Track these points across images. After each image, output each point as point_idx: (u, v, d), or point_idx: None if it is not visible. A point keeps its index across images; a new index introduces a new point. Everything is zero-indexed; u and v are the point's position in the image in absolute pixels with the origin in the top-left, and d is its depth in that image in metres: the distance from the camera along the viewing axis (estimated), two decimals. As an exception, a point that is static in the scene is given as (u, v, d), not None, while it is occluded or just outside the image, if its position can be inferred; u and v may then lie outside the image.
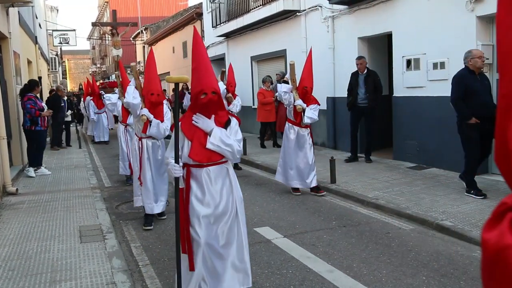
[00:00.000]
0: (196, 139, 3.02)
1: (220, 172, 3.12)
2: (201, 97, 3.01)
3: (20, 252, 4.40)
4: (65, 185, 7.69)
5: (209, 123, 3.06)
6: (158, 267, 4.06)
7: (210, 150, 3.00)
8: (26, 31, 12.12)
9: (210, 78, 3.05)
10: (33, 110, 8.17)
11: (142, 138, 5.30)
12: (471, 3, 6.60)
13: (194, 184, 3.08)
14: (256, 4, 12.46)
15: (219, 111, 3.13)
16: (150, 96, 5.09)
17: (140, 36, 30.35)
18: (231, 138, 3.06)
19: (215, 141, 2.99)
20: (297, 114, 6.30)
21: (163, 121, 5.22)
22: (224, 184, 3.12)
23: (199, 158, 3.02)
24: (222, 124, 3.10)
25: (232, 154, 3.06)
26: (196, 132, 3.05)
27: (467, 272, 3.73)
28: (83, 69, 61.85)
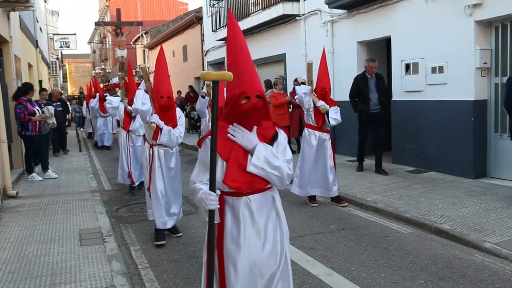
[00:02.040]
0: (233, 159, 2.27)
1: (264, 202, 2.35)
2: (241, 102, 2.25)
3: (20, 255, 4.42)
4: (65, 188, 7.71)
5: (251, 138, 2.30)
6: (157, 270, 4.08)
7: (252, 174, 2.26)
8: (27, 35, 12.18)
9: (254, 77, 2.30)
10: (22, 115, 8.00)
11: (154, 146, 4.81)
12: (470, 8, 6.65)
13: (229, 219, 2.31)
14: (256, 8, 12.52)
15: (263, 121, 2.37)
16: (159, 99, 4.61)
17: (141, 40, 30.44)
18: (279, 159, 2.30)
19: (259, 163, 2.25)
20: (318, 117, 5.86)
21: (175, 127, 4.74)
22: (269, 218, 2.37)
23: (237, 185, 2.25)
24: (267, 139, 2.35)
25: (280, 179, 2.30)
26: (233, 149, 2.29)
27: (465, 275, 3.74)
28: (84, 73, 61.97)
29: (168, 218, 4.82)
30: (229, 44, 2.37)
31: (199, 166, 2.39)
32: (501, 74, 6.71)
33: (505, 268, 3.86)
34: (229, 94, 2.31)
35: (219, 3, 14.79)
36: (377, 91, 7.52)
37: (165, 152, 4.82)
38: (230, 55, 2.34)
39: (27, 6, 8.74)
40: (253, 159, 2.25)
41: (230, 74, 2.16)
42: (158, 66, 4.70)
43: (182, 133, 4.78)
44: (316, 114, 5.87)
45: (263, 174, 2.26)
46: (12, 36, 9.18)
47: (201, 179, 2.35)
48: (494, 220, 4.90)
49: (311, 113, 5.92)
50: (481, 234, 4.52)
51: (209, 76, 2.17)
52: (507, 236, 4.42)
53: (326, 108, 5.76)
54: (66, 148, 12.72)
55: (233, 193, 2.29)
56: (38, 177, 8.38)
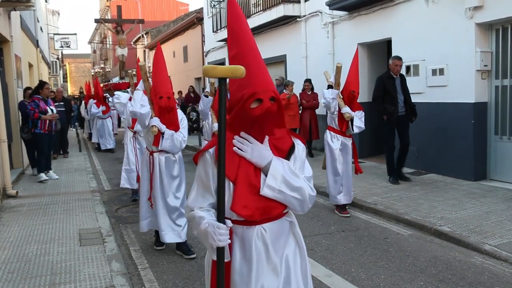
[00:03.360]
0: (243, 180, 1.79)
1: (281, 231, 1.89)
2: (251, 107, 1.77)
3: (19, 254, 4.41)
4: (65, 188, 7.70)
5: (263, 152, 1.81)
6: (157, 271, 4.08)
7: (267, 198, 1.79)
8: (27, 34, 12.19)
9: (265, 74, 1.83)
10: (32, 112, 8.03)
11: (154, 152, 4.39)
12: (470, 10, 6.65)
13: (238, 254, 1.85)
14: (257, 9, 12.53)
15: (276, 130, 1.88)
16: (158, 100, 4.18)
17: (141, 40, 30.45)
18: (300, 177, 1.84)
19: (275, 184, 1.78)
20: (342, 122, 5.59)
21: (178, 130, 4.33)
22: (287, 249, 1.92)
23: (248, 212, 1.78)
24: (283, 153, 1.87)
25: (302, 203, 1.84)
26: (242, 166, 1.80)
27: (465, 277, 3.74)
28: (84, 73, 61.98)
29: (171, 231, 4.39)
30: (231, 33, 1.90)
31: (197, 188, 1.87)
32: (502, 77, 6.72)
33: (505, 270, 3.86)
34: (234, 96, 1.82)
35: (220, 4, 14.80)
36: (402, 92, 7.01)
37: (166, 159, 4.39)
38: (234, 47, 1.87)
39: (28, 5, 8.74)
40: (268, 179, 1.78)
41: (241, 68, 1.65)
42: (156, 65, 4.34)
43: (185, 137, 4.38)
44: (340, 118, 5.60)
45: (280, 198, 1.79)
46: (13, 36, 9.19)
47: (201, 204, 1.85)
48: (493, 223, 4.90)
49: (335, 116, 5.65)
50: (481, 236, 4.52)
51: (214, 72, 1.67)
52: (506, 239, 4.43)
53: (351, 116, 5.50)
54: (67, 151, 12.09)
55: (243, 222, 1.82)
56: (44, 176, 8.28)
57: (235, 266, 1.85)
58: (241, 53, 1.83)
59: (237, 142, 1.82)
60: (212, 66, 1.67)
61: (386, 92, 6.92)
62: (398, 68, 6.94)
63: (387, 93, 6.91)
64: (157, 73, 4.29)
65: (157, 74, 4.29)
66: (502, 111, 6.75)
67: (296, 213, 1.92)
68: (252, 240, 1.83)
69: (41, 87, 8.37)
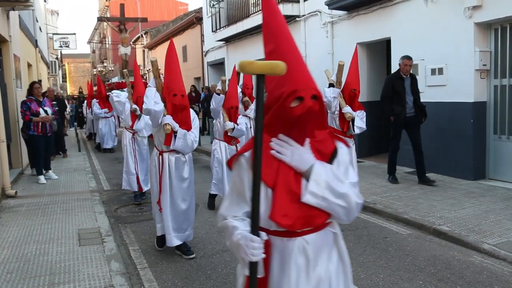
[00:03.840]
0: (282, 186, 1.64)
1: (324, 243, 1.73)
2: (291, 106, 1.62)
3: (18, 254, 4.41)
4: (64, 188, 7.70)
5: (304, 156, 1.67)
6: (156, 270, 4.08)
7: (309, 205, 1.63)
8: (26, 34, 12.17)
9: (305, 70, 1.69)
10: (23, 114, 7.87)
11: (164, 152, 4.27)
12: (469, 10, 6.66)
13: (276, 269, 1.69)
14: (256, 9, 12.52)
15: (317, 131, 1.73)
16: (172, 97, 4.08)
17: (140, 40, 30.44)
18: (344, 183, 1.68)
19: (318, 190, 1.62)
20: (343, 122, 5.53)
21: (189, 130, 4.22)
22: (330, 264, 1.75)
23: (289, 222, 1.62)
24: (326, 156, 1.71)
25: (347, 211, 1.67)
26: (281, 171, 1.65)
27: (464, 276, 3.75)
28: (83, 73, 61.93)
29: (178, 234, 4.31)
30: (266, 28, 1.76)
31: (231, 196, 1.74)
32: (500, 76, 6.73)
33: (504, 269, 3.86)
34: (272, 94, 1.67)
35: (219, 4, 14.80)
36: (412, 93, 6.82)
37: (176, 160, 4.28)
38: (270, 43, 1.72)
39: (27, 5, 8.74)
40: (310, 185, 1.62)
41: (281, 64, 1.51)
42: (169, 61, 4.17)
43: (197, 137, 4.27)
44: (341, 118, 5.53)
45: (324, 206, 1.63)
46: (12, 36, 9.19)
47: (235, 212, 1.70)
48: (492, 222, 4.91)
49: (336, 116, 5.58)
50: (480, 235, 4.52)
51: (251, 68, 1.51)
52: (505, 238, 4.43)
53: (353, 116, 5.44)
54: (65, 149, 11.88)
55: (283, 233, 1.66)
56: (43, 180, 8.16)
57: (272, 282, 1.68)
58: (278, 49, 1.68)
59: (276, 145, 1.66)
60: (249, 61, 1.49)
61: (395, 93, 6.76)
62: (407, 68, 6.77)
63: (395, 93, 6.76)
64: (171, 69, 4.14)
65: (171, 71, 4.14)
66: (501, 110, 6.76)
67: (341, 222, 1.75)
68: (292, 253, 1.65)
69: (31, 88, 8.16)
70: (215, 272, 4.03)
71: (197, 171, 7.66)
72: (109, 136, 12.66)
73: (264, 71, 1.51)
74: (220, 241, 4.83)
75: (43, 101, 8.24)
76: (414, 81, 6.87)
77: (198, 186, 7.31)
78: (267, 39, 1.75)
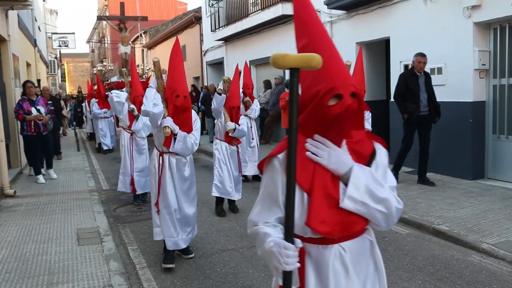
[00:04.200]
0: (319, 190, 1.53)
1: (362, 251, 1.64)
2: (328, 104, 1.51)
3: (17, 254, 4.41)
4: (63, 187, 7.69)
5: (342, 158, 1.57)
6: (155, 270, 4.08)
7: (347, 211, 1.54)
8: (25, 34, 12.16)
9: (342, 66, 1.57)
10: (16, 114, 7.74)
11: (164, 153, 4.15)
12: (468, 10, 6.66)
13: (312, 279, 1.59)
14: (255, 8, 12.52)
15: (355, 131, 1.63)
16: (174, 98, 3.94)
17: (139, 40, 30.42)
18: (384, 187, 1.59)
19: (358, 194, 1.53)
20: None
21: (190, 132, 4.10)
22: (367, 274, 1.66)
23: (327, 229, 1.52)
24: (364, 159, 1.61)
25: (387, 217, 1.58)
26: (317, 175, 1.55)
27: (463, 276, 3.75)
28: (82, 72, 61.86)
29: (180, 237, 4.16)
30: (299, 22, 1.67)
31: (263, 200, 1.63)
32: (499, 76, 6.73)
33: (502, 269, 3.87)
34: (308, 92, 1.56)
35: (218, 3, 14.79)
36: (426, 90, 6.59)
37: (177, 161, 4.16)
38: (303, 37, 1.62)
39: (26, 4, 8.73)
40: (349, 189, 1.52)
41: (317, 57, 1.37)
42: (173, 60, 4.02)
43: (197, 139, 4.15)
44: None
45: (363, 211, 1.54)
46: (10, 35, 9.18)
47: (266, 218, 1.60)
48: (491, 221, 4.91)
49: None
50: (479, 235, 4.53)
51: (284, 61, 1.37)
52: (504, 237, 4.43)
53: None
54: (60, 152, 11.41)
55: (318, 240, 1.56)
56: (41, 179, 8.10)
57: None
58: (312, 43, 1.56)
59: (311, 146, 1.56)
60: (282, 54, 1.36)
61: (408, 90, 6.57)
62: (421, 65, 6.53)
63: (409, 91, 6.56)
64: (175, 69, 4.00)
65: (175, 71, 4.01)
66: (500, 110, 6.76)
67: (379, 229, 1.64)
68: (329, 261, 1.56)
69: (24, 87, 8.01)
70: (214, 271, 4.02)
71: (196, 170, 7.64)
72: (108, 137, 12.50)
73: (298, 65, 1.37)
74: (219, 241, 4.83)
75: (36, 101, 8.00)
76: (428, 79, 6.66)
77: (198, 186, 7.27)
78: (300, 33, 1.64)
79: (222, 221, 5.55)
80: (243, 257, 4.33)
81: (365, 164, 1.59)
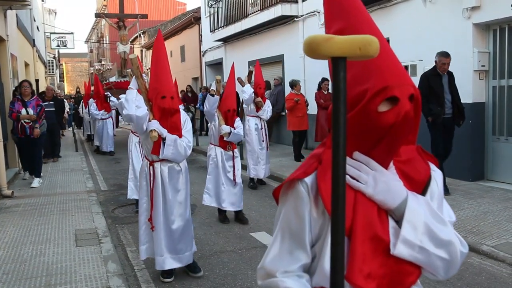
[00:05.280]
0: (363, 230, 1.14)
1: None
2: (378, 110, 1.11)
3: (15, 255, 4.38)
4: (61, 188, 7.66)
5: (392, 184, 1.17)
6: (153, 272, 4.05)
7: (399, 258, 1.15)
8: (23, 33, 12.14)
9: (395, 59, 1.17)
10: (10, 112, 7.56)
11: (154, 162, 3.73)
12: (468, 11, 6.66)
13: None
14: (254, 9, 12.52)
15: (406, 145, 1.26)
16: (160, 100, 3.55)
17: (138, 40, 30.39)
18: (447, 224, 1.21)
19: (415, 237, 1.14)
20: None
21: (181, 136, 3.69)
22: None
23: (372, 284, 1.13)
24: (418, 184, 1.23)
25: (448, 265, 1.20)
26: (359, 208, 1.15)
27: (462, 278, 3.73)
28: (81, 72, 61.82)
29: (171, 255, 3.74)
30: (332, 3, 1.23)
31: (282, 241, 1.20)
32: (499, 77, 6.73)
33: (502, 271, 3.85)
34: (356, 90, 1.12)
35: (218, 4, 14.78)
36: (450, 91, 6.14)
37: (170, 170, 3.74)
38: (338, 19, 1.20)
39: (24, 4, 8.71)
40: (404, 229, 1.12)
41: (375, 41, 0.86)
42: (157, 58, 3.64)
43: (190, 142, 3.71)
44: None
45: (421, 259, 1.16)
46: (9, 35, 9.15)
47: (287, 266, 1.18)
48: (491, 223, 4.90)
49: None
50: (479, 236, 4.51)
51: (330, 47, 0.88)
52: (504, 239, 4.42)
53: None
54: (58, 155, 11.19)
55: None
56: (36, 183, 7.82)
57: None
58: (352, 28, 1.14)
59: (351, 168, 1.15)
60: (323, 36, 0.88)
61: (431, 91, 6.08)
62: (445, 66, 6.06)
63: (432, 92, 6.08)
64: (159, 67, 3.60)
65: (159, 69, 3.60)
66: (500, 111, 6.76)
67: (438, 278, 1.25)
68: None
69: (19, 86, 7.71)
70: (212, 273, 4.00)
71: (194, 171, 7.62)
72: (108, 138, 12.21)
73: (349, 52, 0.87)
74: (218, 242, 4.81)
75: (28, 102, 7.68)
76: (452, 79, 6.20)
77: (196, 187, 7.30)
78: (333, 15, 1.21)
79: (221, 223, 5.52)
80: (242, 259, 4.31)
81: (419, 192, 1.20)
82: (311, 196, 1.16)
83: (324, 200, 1.12)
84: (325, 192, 1.12)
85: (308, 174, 1.17)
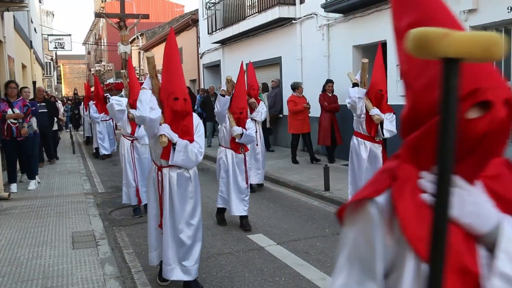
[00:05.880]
0: (449, 258, 0.79)
1: None
2: (466, 116, 0.92)
3: (11, 258, 4.36)
4: (58, 190, 7.64)
5: (482, 206, 0.97)
6: (150, 274, 4.04)
7: None
8: (21, 35, 12.12)
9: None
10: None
11: (163, 167, 3.56)
12: (465, 13, 6.68)
13: None
14: (252, 11, 12.53)
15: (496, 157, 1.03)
16: (172, 102, 3.38)
17: (136, 42, 30.39)
18: None
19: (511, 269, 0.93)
20: (371, 126, 5.05)
21: (192, 141, 3.52)
22: None
23: None
24: (510, 204, 1.02)
25: None
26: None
27: (460, 280, 3.73)
28: (78, 74, 61.73)
29: (175, 266, 3.58)
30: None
31: (350, 268, 1.06)
32: (496, 80, 6.75)
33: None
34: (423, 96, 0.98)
35: (215, 6, 14.80)
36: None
37: (178, 176, 3.55)
38: (410, 10, 1.05)
39: (22, 6, 8.70)
40: (500, 261, 0.94)
41: (500, 40, 0.74)
42: (169, 56, 3.46)
43: (202, 148, 3.54)
44: (368, 122, 5.05)
45: None
46: (6, 37, 9.13)
47: None
48: (488, 225, 4.90)
49: (362, 120, 5.09)
50: (476, 239, 4.52)
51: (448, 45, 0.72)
52: (501, 241, 4.43)
53: (381, 118, 4.92)
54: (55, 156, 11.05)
55: None
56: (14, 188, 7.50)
57: None
58: (428, 21, 0.97)
59: (430, 185, 0.96)
60: (438, 31, 0.74)
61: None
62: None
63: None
64: (171, 66, 3.42)
65: (171, 68, 3.42)
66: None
67: None
68: None
69: (6, 87, 7.45)
70: (209, 275, 4.00)
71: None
72: (107, 141, 11.93)
73: (465, 53, 0.73)
74: (215, 245, 4.81)
75: (14, 102, 7.40)
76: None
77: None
78: (404, 4, 1.06)
79: (218, 225, 5.52)
80: (239, 261, 4.31)
81: (510, 212, 1.00)
82: (384, 219, 0.99)
83: (402, 224, 0.94)
84: (403, 215, 0.94)
85: (380, 192, 1.00)
